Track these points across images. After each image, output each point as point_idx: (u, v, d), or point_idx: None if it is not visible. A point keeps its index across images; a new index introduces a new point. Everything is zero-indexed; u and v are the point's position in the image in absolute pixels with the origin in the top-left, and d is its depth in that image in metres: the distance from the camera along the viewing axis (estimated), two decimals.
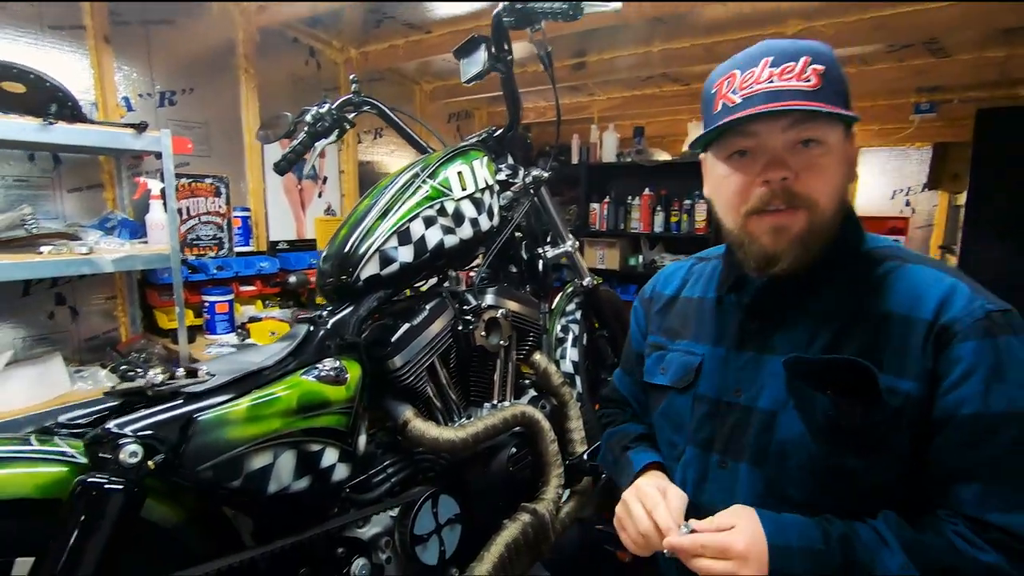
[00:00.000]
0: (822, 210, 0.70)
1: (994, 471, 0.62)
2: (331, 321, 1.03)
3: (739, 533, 0.65)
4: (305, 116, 1.44)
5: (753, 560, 0.63)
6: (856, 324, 0.70)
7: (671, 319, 0.90)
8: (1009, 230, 2.94)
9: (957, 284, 0.68)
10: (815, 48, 0.69)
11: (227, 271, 2.39)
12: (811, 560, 0.63)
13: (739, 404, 0.76)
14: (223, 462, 0.76)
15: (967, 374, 0.63)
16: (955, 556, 0.61)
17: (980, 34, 2.37)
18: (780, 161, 0.69)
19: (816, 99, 0.66)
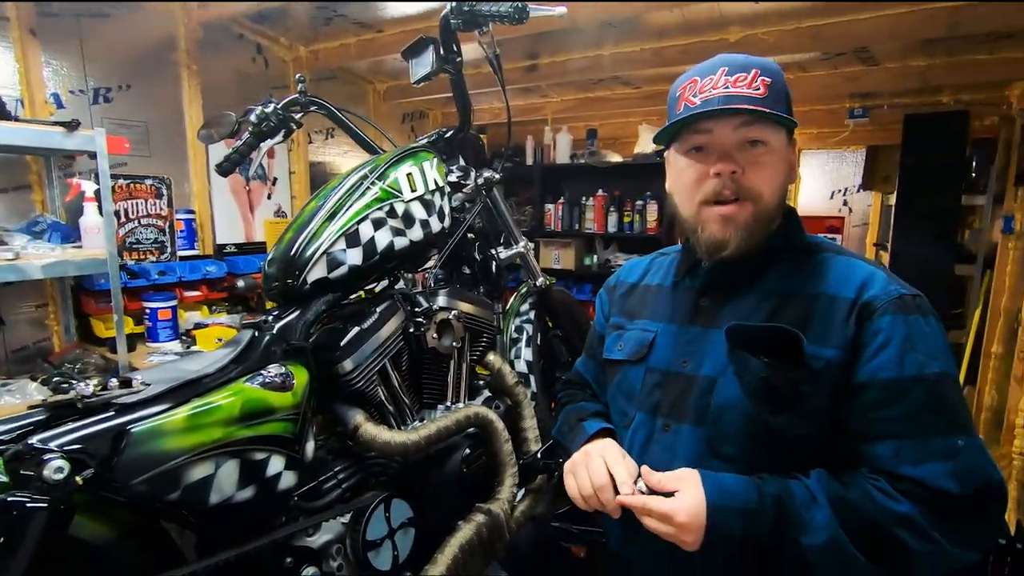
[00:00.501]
0: (765, 202, 0.79)
1: (905, 428, 0.70)
2: (277, 326, 1.01)
3: (682, 503, 0.71)
4: (250, 116, 1.40)
5: (692, 530, 0.70)
6: (791, 301, 0.79)
7: (631, 302, 0.99)
8: (932, 228, 3.14)
9: (876, 272, 0.78)
10: (765, 63, 0.80)
11: (170, 276, 2.29)
12: (747, 518, 0.70)
13: (685, 373, 0.84)
14: (159, 474, 0.73)
15: (884, 344, 0.72)
16: (874, 508, 0.68)
17: (904, 44, 2.53)
18: (730, 156, 0.79)
19: (763, 105, 0.76)
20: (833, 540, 0.67)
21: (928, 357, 0.71)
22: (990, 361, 3.14)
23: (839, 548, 0.67)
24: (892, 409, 0.70)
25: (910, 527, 0.66)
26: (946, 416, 0.70)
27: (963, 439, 0.69)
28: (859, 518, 0.68)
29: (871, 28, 2.23)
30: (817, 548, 0.68)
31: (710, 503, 0.71)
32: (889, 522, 0.67)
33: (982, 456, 0.69)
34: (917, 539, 0.66)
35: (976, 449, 0.69)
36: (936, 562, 0.68)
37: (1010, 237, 2.99)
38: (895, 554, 0.67)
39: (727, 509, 0.70)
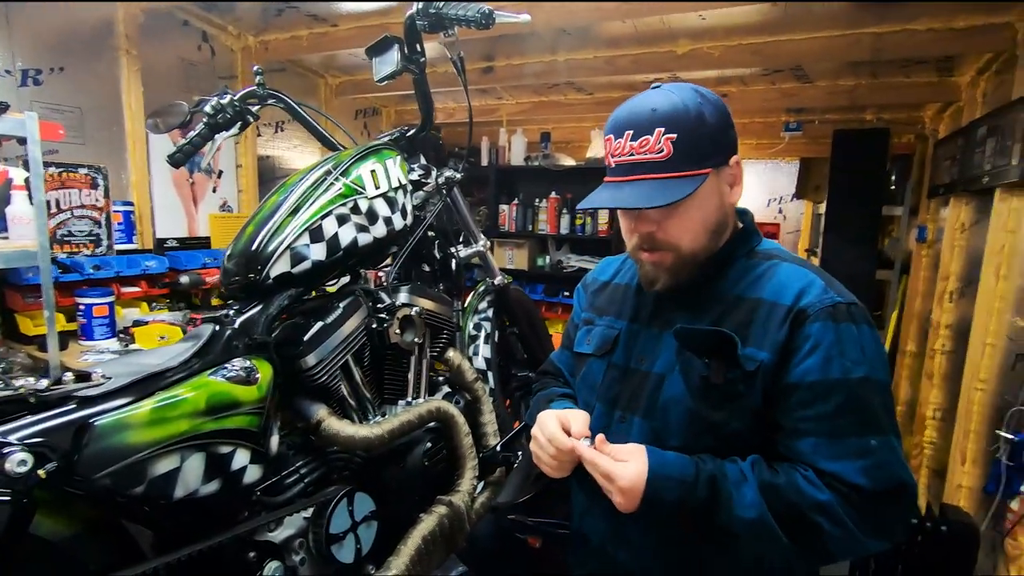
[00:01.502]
0: (685, 249, 0.85)
1: (824, 427, 0.76)
2: (239, 320, 1.00)
3: (626, 469, 0.77)
4: (204, 107, 1.36)
5: (628, 495, 0.77)
6: (737, 306, 0.84)
7: (602, 299, 1.04)
8: (856, 236, 3.40)
9: (815, 279, 0.82)
10: (670, 115, 0.80)
11: (106, 271, 2.17)
12: (683, 488, 0.76)
13: (640, 370, 0.90)
14: (123, 468, 0.72)
15: (813, 349, 0.77)
16: (797, 494, 0.74)
17: (834, 65, 2.73)
18: (644, 218, 0.85)
19: (666, 169, 0.79)
20: (760, 517, 0.73)
21: (853, 362, 0.76)
22: (905, 359, 3.43)
23: (764, 524, 0.73)
24: (814, 409, 0.76)
25: (826, 514, 0.73)
26: (863, 417, 0.75)
27: (876, 439, 0.75)
28: (782, 501, 0.74)
29: (806, 48, 2.40)
30: (745, 521, 0.74)
31: (651, 469, 0.76)
32: (808, 507, 0.73)
33: (893, 456, 0.76)
34: (831, 524, 0.73)
35: (888, 449, 0.75)
36: (849, 547, 0.75)
37: (923, 245, 3.28)
38: (812, 536, 0.74)
39: (666, 478, 0.76)
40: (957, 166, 2.53)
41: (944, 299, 2.69)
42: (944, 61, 2.55)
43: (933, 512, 1.83)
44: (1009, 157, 1.90)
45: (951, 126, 2.94)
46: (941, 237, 2.87)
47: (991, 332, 2.07)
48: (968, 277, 2.48)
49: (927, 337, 2.89)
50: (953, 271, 2.64)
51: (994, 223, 2.05)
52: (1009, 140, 1.92)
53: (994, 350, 2.06)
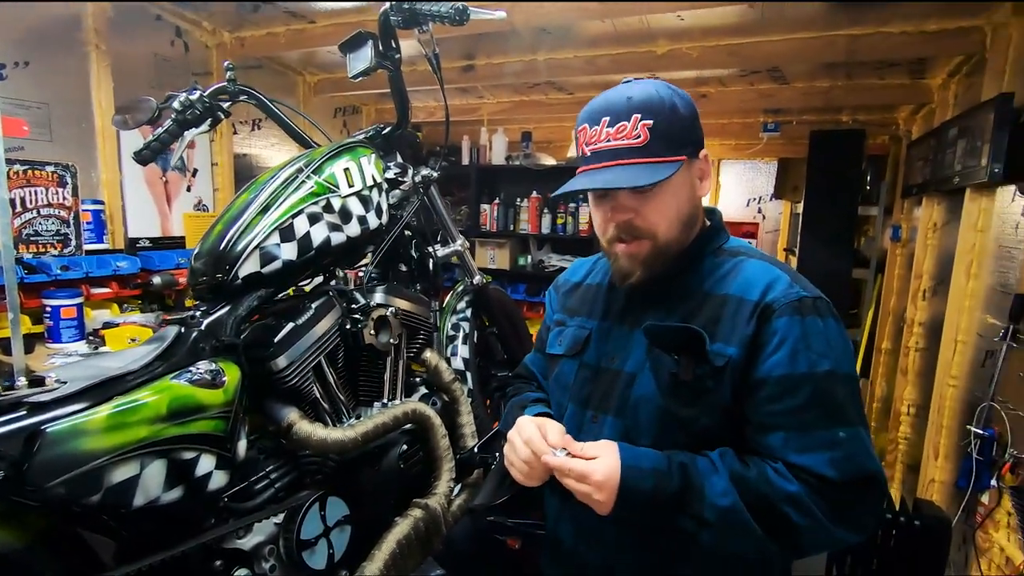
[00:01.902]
0: (662, 237, 0.85)
1: (792, 420, 0.77)
2: (205, 322, 0.97)
3: (599, 464, 0.77)
4: (172, 102, 1.32)
5: (606, 489, 0.76)
6: (706, 302, 0.84)
7: (573, 300, 1.04)
8: (833, 236, 3.45)
9: (781, 275, 0.83)
10: (646, 102, 0.81)
11: (75, 271, 2.11)
12: (655, 478, 0.76)
13: (612, 369, 0.90)
14: (78, 476, 0.69)
15: (780, 343, 0.78)
16: (767, 485, 0.75)
17: (811, 66, 2.76)
18: (622, 206, 0.84)
19: (643, 155, 0.80)
20: (732, 505, 0.74)
21: (819, 356, 0.76)
22: (880, 356, 3.49)
23: (737, 513, 0.74)
24: (783, 403, 0.76)
25: (795, 504, 0.73)
26: (830, 410, 0.76)
27: (845, 431, 0.75)
28: (752, 491, 0.74)
29: (782, 49, 2.43)
30: (718, 509, 0.74)
31: (624, 462, 0.77)
32: (777, 498, 0.74)
33: (862, 447, 0.76)
34: (800, 515, 0.73)
35: (857, 440, 0.75)
36: (819, 538, 0.75)
37: (897, 244, 3.34)
38: (783, 527, 0.74)
39: (639, 469, 0.77)
40: (929, 166, 2.58)
41: (918, 297, 2.75)
42: (917, 64, 2.60)
43: (907, 507, 1.87)
44: (979, 158, 1.94)
45: (924, 127, 3.00)
46: (915, 236, 2.93)
47: (962, 329, 2.11)
48: (940, 275, 2.53)
49: (902, 335, 2.94)
50: (926, 270, 2.69)
51: (964, 222, 2.09)
52: (978, 141, 1.96)
53: (965, 347, 2.10)
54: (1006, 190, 1.87)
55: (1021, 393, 1.61)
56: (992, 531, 1.70)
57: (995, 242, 1.94)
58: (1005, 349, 1.69)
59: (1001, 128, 1.80)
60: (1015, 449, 1.60)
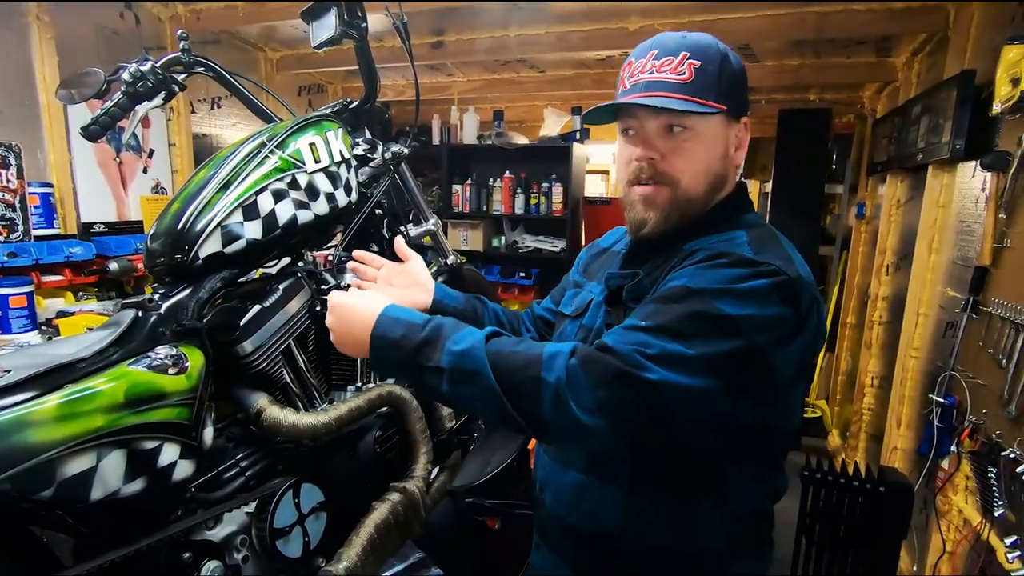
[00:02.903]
0: (684, 187, 0.81)
1: (643, 313, 0.72)
2: (164, 305, 0.92)
3: (336, 293, 0.87)
4: (122, 74, 1.24)
5: (333, 315, 0.85)
6: (669, 260, 0.82)
7: (594, 265, 1.04)
8: (801, 212, 3.51)
9: (740, 238, 0.79)
10: (699, 44, 0.79)
11: (24, 258, 2.00)
12: (405, 329, 0.77)
13: (596, 329, 0.89)
14: (26, 471, 0.64)
15: (674, 277, 0.76)
16: (527, 345, 0.73)
17: (781, 44, 2.78)
18: (649, 143, 0.81)
19: (685, 91, 0.77)
20: (467, 351, 0.71)
21: (690, 278, 0.72)
22: (845, 331, 3.59)
23: (471, 359, 0.70)
24: (640, 310, 0.74)
25: (555, 357, 0.68)
26: (657, 311, 0.71)
27: (645, 323, 0.70)
28: (507, 348, 0.71)
29: (752, 26, 2.43)
30: (452, 354, 0.72)
31: (384, 312, 0.79)
32: (532, 354, 0.69)
33: (661, 351, 0.67)
34: (547, 372, 0.67)
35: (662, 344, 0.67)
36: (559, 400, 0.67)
37: (862, 222, 3.42)
38: (517, 375, 0.69)
39: (394, 319, 0.78)
40: (893, 144, 2.63)
41: (881, 272, 2.82)
42: (883, 42, 2.63)
43: (872, 474, 1.93)
44: (941, 134, 1.98)
45: (888, 106, 3.06)
46: (879, 214, 3.00)
47: (924, 302, 2.18)
48: (903, 251, 2.60)
49: (866, 309, 3.02)
50: (890, 245, 2.76)
51: (927, 198, 2.15)
52: (941, 118, 2.00)
53: (927, 319, 2.17)
54: (967, 166, 1.92)
55: (980, 362, 1.67)
56: (951, 495, 1.77)
57: (956, 217, 1.99)
58: (965, 320, 1.74)
59: (963, 105, 1.83)
60: (974, 416, 1.66)
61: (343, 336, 0.84)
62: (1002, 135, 1.65)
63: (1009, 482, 1.42)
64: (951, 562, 1.76)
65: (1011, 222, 1.54)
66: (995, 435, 1.50)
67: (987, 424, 1.58)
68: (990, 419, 1.57)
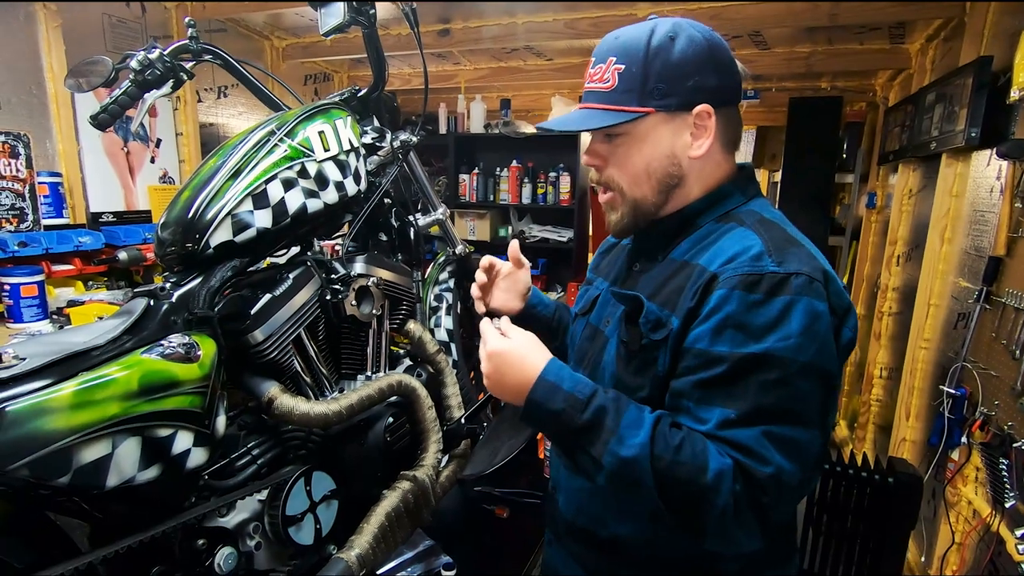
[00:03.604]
0: (628, 192, 0.82)
1: (699, 392, 0.71)
2: (176, 294, 0.92)
3: (500, 339, 0.79)
4: (130, 62, 1.23)
5: (491, 362, 0.78)
6: (682, 271, 0.79)
7: (605, 261, 1.03)
8: (811, 202, 3.48)
9: (755, 246, 0.73)
10: (628, 43, 0.76)
11: (34, 247, 2.01)
12: (568, 404, 0.72)
13: (602, 331, 0.90)
14: (44, 457, 0.65)
15: (708, 316, 0.71)
16: (697, 455, 0.67)
17: (792, 31, 2.73)
18: (592, 151, 0.84)
19: (607, 100, 0.78)
20: (635, 460, 0.67)
21: (750, 337, 0.68)
22: None
23: (637, 469, 0.67)
24: (694, 376, 0.71)
25: (721, 480, 0.66)
26: (734, 392, 0.69)
27: (736, 411, 0.68)
28: (668, 454, 0.67)
29: (764, 13, 2.39)
30: (620, 459, 0.68)
31: (544, 375, 0.74)
32: (702, 468, 0.66)
33: (749, 430, 0.67)
34: (719, 493, 0.65)
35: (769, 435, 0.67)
36: (717, 523, 0.66)
37: (872, 212, 3.38)
38: (686, 499, 0.67)
39: (555, 387, 0.73)
40: (906, 132, 2.60)
41: (892, 263, 2.79)
42: (897, 28, 2.58)
43: (881, 465, 1.92)
44: (955, 123, 1.95)
45: (901, 94, 3.01)
46: (890, 203, 2.96)
47: (935, 293, 2.15)
48: (915, 241, 2.57)
49: (875, 300, 3.00)
50: (901, 235, 2.73)
51: (940, 187, 2.12)
52: (956, 106, 1.97)
53: (938, 310, 2.15)
54: (981, 155, 1.89)
55: (992, 353, 1.65)
56: (961, 486, 1.76)
57: (970, 206, 1.97)
58: (978, 311, 1.73)
59: (979, 92, 1.80)
60: (985, 407, 1.64)
61: (497, 387, 0.79)
62: (1019, 123, 1.62)
63: (1021, 473, 1.41)
64: (960, 553, 1.76)
65: None
66: (1007, 426, 1.49)
67: (999, 415, 1.57)
68: (1002, 410, 1.56)
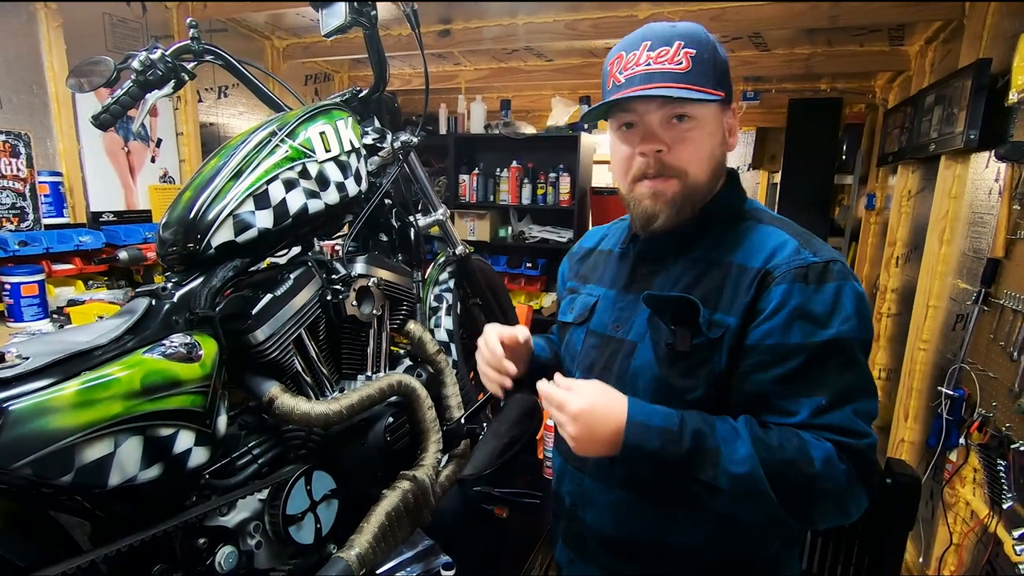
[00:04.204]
0: (692, 178, 0.81)
1: (780, 388, 0.75)
2: (177, 294, 0.92)
3: (578, 396, 0.74)
4: (132, 62, 1.23)
5: (579, 423, 0.73)
6: (711, 270, 0.82)
7: (585, 267, 1.02)
8: (810, 203, 3.48)
9: (789, 240, 0.79)
10: (690, 33, 0.79)
11: (34, 246, 2.01)
12: (662, 439, 0.72)
13: (616, 337, 0.88)
14: (46, 456, 0.65)
15: (775, 311, 0.75)
16: (796, 448, 0.71)
17: (792, 32, 2.74)
18: (654, 135, 0.80)
19: (685, 80, 0.76)
20: (749, 473, 0.70)
21: (818, 325, 0.73)
22: None
23: (753, 482, 0.70)
24: (771, 372, 0.74)
25: (829, 465, 0.69)
26: (817, 379, 0.73)
27: (825, 397, 0.73)
28: (777, 458, 0.70)
29: (765, 14, 2.39)
30: (732, 477, 0.70)
31: (631, 418, 0.73)
32: (805, 462, 0.69)
33: (858, 412, 0.73)
34: (831, 478, 0.69)
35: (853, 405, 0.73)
36: (832, 508, 0.72)
37: (871, 213, 3.39)
38: (803, 494, 0.70)
39: (645, 426, 0.72)
40: (905, 134, 2.60)
41: (891, 264, 2.80)
42: (896, 30, 2.59)
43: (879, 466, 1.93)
44: (954, 125, 1.95)
45: (900, 95, 3.02)
46: (889, 205, 2.97)
47: (934, 295, 2.16)
48: (914, 242, 2.57)
49: (875, 301, 3.01)
50: (900, 237, 2.74)
51: (939, 189, 2.12)
52: (955, 108, 1.97)
53: (936, 311, 2.16)
54: (980, 156, 1.89)
55: (990, 355, 1.66)
56: (959, 487, 1.77)
57: (968, 208, 1.97)
58: (977, 312, 1.73)
59: (978, 94, 1.81)
60: (983, 408, 1.65)
61: (589, 444, 0.74)
62: (1018, 125, 1.63)
63: (1018, 475, 1.42)
64: (957, 554, 1.76)
65: None
66: (1005, 428, 1.50)
67: (997, 417, 1.57)
68: (1000, 412, 1.56)
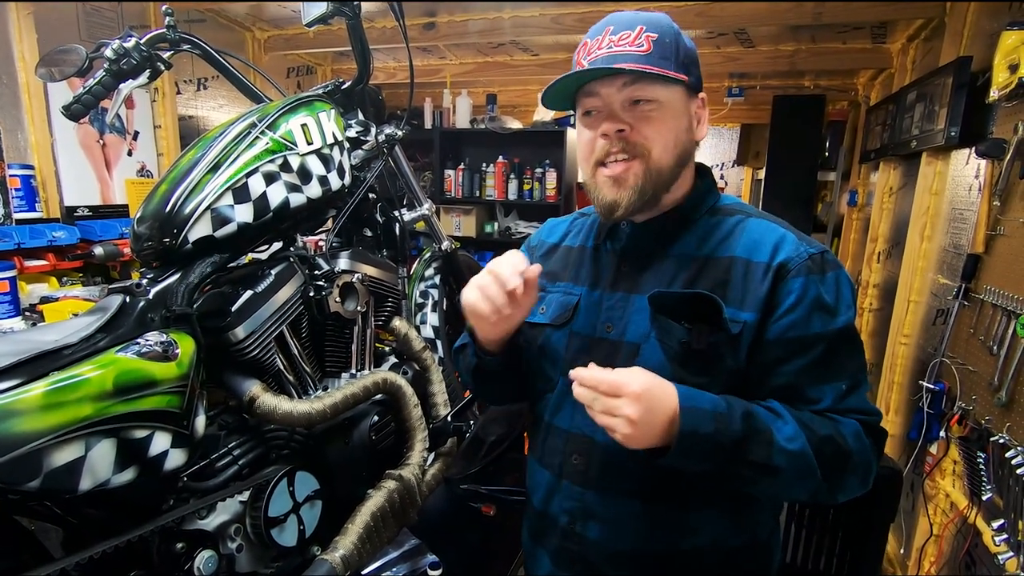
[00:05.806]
0: (655, 159, 0.80)
1: (806, 377, 0.77)
2: (153, 290, 0.89)
3: (636, 375, 0.69)
4: (104, 51, 1.19)
5: (643, 402, 0.67)
6: (708, 266, 0.81)
7: (552, 264, 0.97)
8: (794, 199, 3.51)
9: (786, 234, 0.81)
10: (653, 19, 0.80)
11: (6, 242, 1.94)
12: (717, 421, 0.70)
13: (608, 339, 0.85)
14: (12, 460, 0.62)
15: (795, 305, 0.76)
16: (829, 426, 0.74)
17: (777, 29, 2.75)
18: (615, 115, 0.80)
19: (646, 62, 0.77)
20: (801, 450, 0.71)
21: (831, 315, 0.77)
22: None
23: (805, 459, 0.71)
24: (795, 362, 0.76)
25: (859, 440, 0.74)
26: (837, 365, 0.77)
27: (845, 382, 0.77)
28: (819, 432, 0.73)
29: (749, 11, 2.40)
30: (788, 454, 0.70)
31: (681, 404, 0.70)
32: (843, 436, 0.73)
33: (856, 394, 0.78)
34: (861, 454, 0.74)
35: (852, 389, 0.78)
36: (861, 479, 0.76)
37: (854, 209, 3.43)
38: (841, 469, 0.73)
39: (699, 409, 0.70)
40: (887, 131, 2.63)
41: (872, 260, 2.83)
42: (879, 27, 2.62)
43: None
44: (935, 122, 1.97)
45: (882, 93, 3.05)
46: (871, 201, 3.00)
47: (915, 290, 2.19)
48: (895, 238, 2.61)
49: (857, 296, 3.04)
50: (881, 233, 2.77)
51: (920, 186, 2.15)
52: (936, 105, 1.99)
53: (917, 306, 2.19)
54: (960, 153, 1.92)
55: (970, 349, 1.68)
56: (939, 479, 1.79)
57: (949, 205, 2.00)
58: (957, 307, 1.75)
59: (959, 92, 1.83)
60: (963, 402, 1.67)
61: (648, 431, 0.69)
62: (998, 122, 1.65)
63: (998, 467, 1.44)
64: (938, 545, 1.79)
65: (1005, 210, 1.54)
66: (984, 420, 1.52)
67: (976, 410, 1.60)
68: (980, 405, 1.59)
